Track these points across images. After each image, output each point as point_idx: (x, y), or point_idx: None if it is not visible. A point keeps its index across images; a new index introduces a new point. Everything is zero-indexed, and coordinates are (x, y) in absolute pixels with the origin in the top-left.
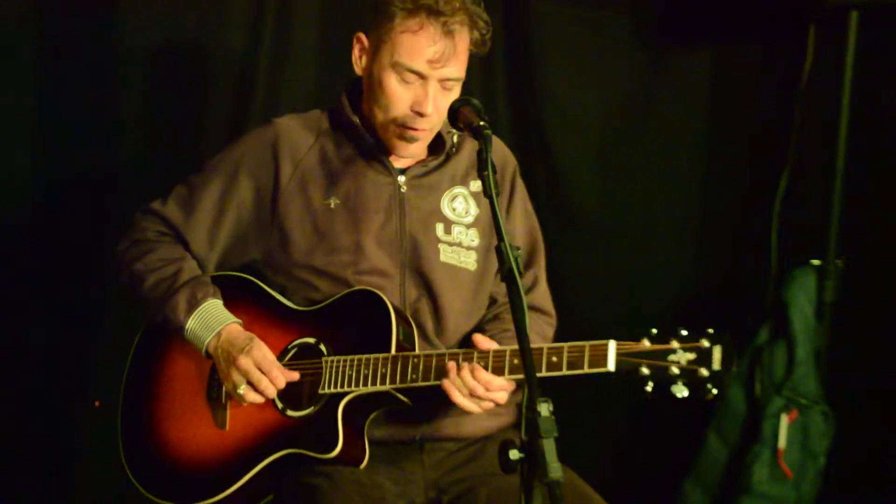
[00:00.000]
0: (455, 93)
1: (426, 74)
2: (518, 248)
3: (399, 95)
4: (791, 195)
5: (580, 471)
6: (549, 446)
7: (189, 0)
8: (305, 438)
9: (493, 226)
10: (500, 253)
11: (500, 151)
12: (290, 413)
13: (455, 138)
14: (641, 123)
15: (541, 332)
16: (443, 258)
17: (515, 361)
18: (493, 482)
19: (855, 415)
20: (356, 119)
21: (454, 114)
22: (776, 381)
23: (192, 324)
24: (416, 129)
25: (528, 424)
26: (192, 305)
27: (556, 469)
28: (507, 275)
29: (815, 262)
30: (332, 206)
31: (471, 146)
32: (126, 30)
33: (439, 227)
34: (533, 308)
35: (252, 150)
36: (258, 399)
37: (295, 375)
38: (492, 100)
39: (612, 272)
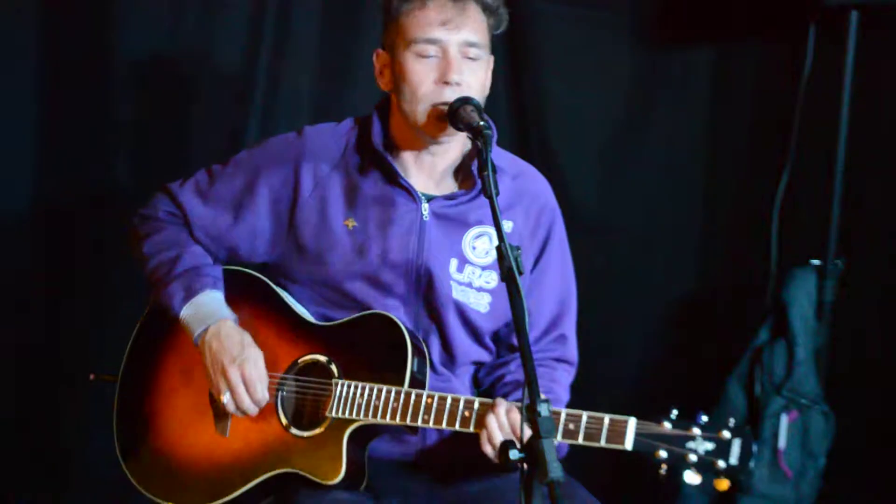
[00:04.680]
0: (481, 65)
1: (443, 40)
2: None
3: (422, 72)
4: (791, 195)
5: (579, 471)
6: (548, 446)
7: (189, 1)
8: (307, 460)
9: (498, 232)
10: (500, 253)
11: (542, 194)
12: (293, 431)
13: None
14: (641, 123)
15: (560, 380)
16: (454, 294)
17: (570, 427)
18: (496, 485)
19: (855, 415)
20: (380, 148)
21: (454, 113)
22: (776, 381)
23: (185, 312)
24: (446, 103)
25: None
26: (189, 295)
27: (555, 469)
28: (506, 274)
29: (815, 262)
30: (350, 227)
31: (508, 185)
32: (126, 31)
33: (453, 263)
34: (559, 360)
35: (275, 159)
36: (239, 414)
37: (263, 401)
38: (492, 100)
39: (613, 272)
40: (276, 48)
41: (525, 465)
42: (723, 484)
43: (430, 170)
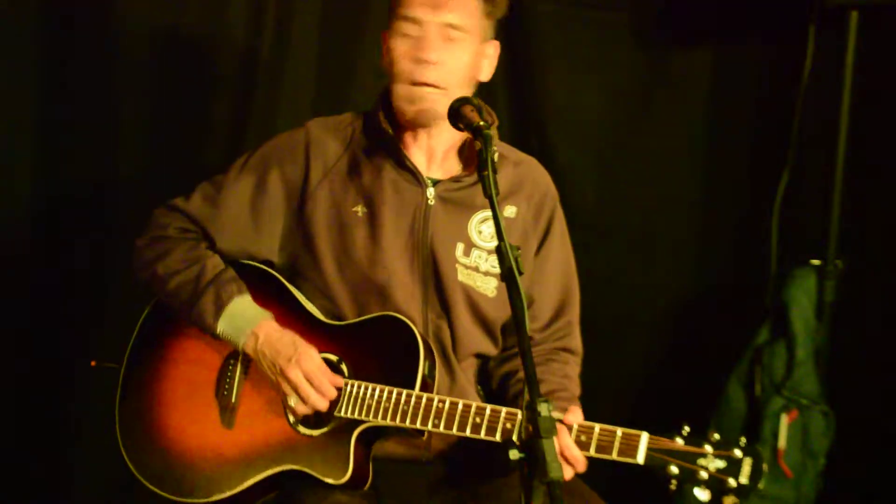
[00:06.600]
0: (463, 48)
1: (423, 19)
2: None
3: (400, 48)
4: (791, 195)
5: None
6: (548, 446)
7: (189, 0)
8: (313, 458)
9: (498, 232)
10: (500, 252)
11: (543, 182)
12: (300, 429)
13: (496, 157)
14: (641, 123)
15: (572, 375)
16: (460, 278)
17: (583, 438)
18: (499, 486)
19: (855, 415)
20: (389, 129)
21: (454, 113)
22: (776, 381)
23: (222, 327)
24: (421, 81)
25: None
26: (219, 308)
27: (555, 469)
28: (506, 274)
29: (815, 262)
30: (360, 214)
31: (510, 171)
32: (126, 30)
33: (459, 248)
34: (567, 350)
35: (283, 149)
36: (309, 411)
37: (340, 381)
38: (492, 100)
39: (612, 272)
40: (276, 47)
41: (525, 465)
42: (731, 501)
43: (429, 150)
